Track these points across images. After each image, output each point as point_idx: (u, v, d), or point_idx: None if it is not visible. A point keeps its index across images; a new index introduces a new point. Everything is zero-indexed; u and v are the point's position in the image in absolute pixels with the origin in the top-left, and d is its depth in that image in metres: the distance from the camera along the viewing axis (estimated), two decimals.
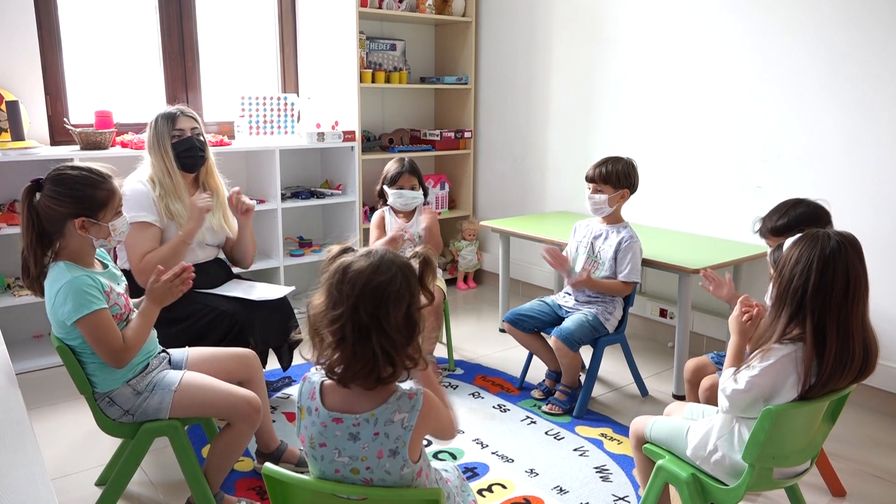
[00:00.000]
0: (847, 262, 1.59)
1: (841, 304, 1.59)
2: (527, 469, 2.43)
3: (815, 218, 2.16)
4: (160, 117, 2.63)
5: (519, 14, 4.31)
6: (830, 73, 2.96)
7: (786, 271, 1.64)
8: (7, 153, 3.06)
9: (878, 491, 2.35)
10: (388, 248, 1.38)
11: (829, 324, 1.59)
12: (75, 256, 1.90)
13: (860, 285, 1.61)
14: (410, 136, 4.58)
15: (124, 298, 1.98)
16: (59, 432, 2.64)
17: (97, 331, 1.85)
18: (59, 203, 1.84)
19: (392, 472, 1.33)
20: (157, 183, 2.58)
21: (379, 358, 1.30)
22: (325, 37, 4.15)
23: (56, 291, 1.85)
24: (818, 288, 1.58)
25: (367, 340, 1.29)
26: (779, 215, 2.23)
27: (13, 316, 3.26)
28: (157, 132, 2.60)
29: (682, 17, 3.47)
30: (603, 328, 2.84)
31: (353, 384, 1.33)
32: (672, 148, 3.61)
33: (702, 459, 1.77)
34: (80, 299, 1.82)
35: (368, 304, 1.29)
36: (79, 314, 1.82)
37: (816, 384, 1.61)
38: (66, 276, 1.84)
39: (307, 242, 4.21)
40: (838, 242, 1.59)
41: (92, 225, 1.88)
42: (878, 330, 1.69)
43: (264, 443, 2.32)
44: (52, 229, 1.87)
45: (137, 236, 2.51)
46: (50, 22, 3.46)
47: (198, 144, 2.65)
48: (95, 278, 1.88)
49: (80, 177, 1.87)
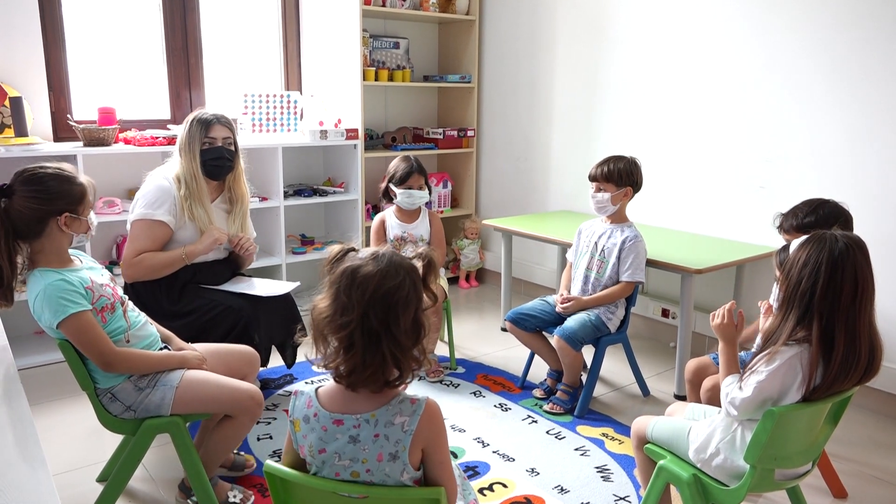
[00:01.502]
0: (855, 265, 1.58)
1: (849, 307, 1.58)
2: (528, 468, 2.43)
3: (844, 219, 2.15)
4: (196, 120, 2.62)
5: (522, 13, 4.30)
6: (834, 72, 2.95)
7: (793, 273, 1.62)
8: (10, 149, 3.06)
9: (879, 492, 2.34)
10: (394, 251, 1.36)
11: (837, 326, 1.58)
12: (51, 258, 1.89)
13: (868, 287, 1.60)
14: (413, 134, 4.58)
15: (110, 288, 1.98)
16: (60, 428, 2.64)
17: (79, 334, 1.85)
18: (40, 202, 1.83)
19: (392, 475, 1.32)
20: (184, 183, 2.59)
21: (388, 362, 1.29)
22: (328, 34, 4.15)
23: (34, 301, 1.86)
24: (827, 290, 1.57)
25: (377, 346, 1.28)
26: (805, 213, 2.20)
27: (15, 312, 3.22)
28: (190, 135, 2.60)
29: (686, 17, 3.46)
30: (605, 328, 2.84)
31: (361, 388, 1.32)
32: (675, 147, 3.60)
33: (703, 462, 1.77)
34: (55, 305, 1.82)
35: (378, 310, 1.27)
36: (57, 319, 1.82)
37: (821, 386, 1.60)
38: (40, 284, 1.84)
39: (309, 240, 4.21)
40: (846, 244, 1.58)
41: (73, 220, 1.88)
42: (882, 331, 1.68)
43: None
44: (28, 231, 1.85)
45: (143, 232, 2.52)
46: (53, 18, 3.46)
47: (226, 154, 2.65)
48: (72, 278, 1.87)
49: (53, 174, 1.87)
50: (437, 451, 1.35)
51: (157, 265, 2.54)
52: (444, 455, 1.37)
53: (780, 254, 1.94)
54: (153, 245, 2.55)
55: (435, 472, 1.36)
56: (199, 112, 2.67)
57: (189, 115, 2.67)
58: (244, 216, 2.80)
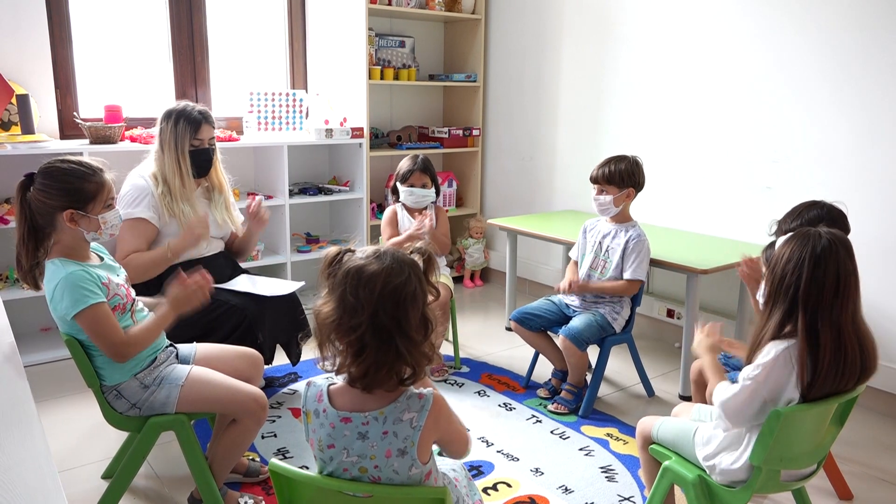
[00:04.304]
0: (838, 260, 1.59)
1: (832, 302, 1.59)
2: (532, 468, 2.42)
3: (831, 220, 2.14)
4: (183, 120, 2.58)
5: (528, 11, 4.29)
6: (841, 73, 2.94)
7: (777, 269, 1.64)
8: (17, 146, 3.07)
9: (885, 494, 2.34)
10: (395, 248, 1.36)
11: (820, 321, 1.59)
12: (69, 251, 1.90)
13: (850, 283, 1.61)
14: (419, 133, 4.58)
15: (124, 288, 1.99)
16: (66, 425, 2.65)
17: (96, 325, 1.85)
18: (49, 196, 1.85)
19: (400, 471, 1.32)
20: (162, 181, 2.57)
21: (402, 360, 1.29)
22: (334, 33, 4.15)
23: (53, 288, 1.86)
24: (810, 284, 1.59)
25: (389, 344, 1.28)
26: (793, 217, 2.21)
27: (22, 309, 3.27)
28: (177, 134, 2.56)
29: (692, 17, 3.45)
30: (610, 328, 2.84)
31: (377, 389, 1.32)
32: (681, 147, 3.59)
33: (709, 468, 1.76)
34: (76, 294, 1.83)
35: (389, 308, 1.27)
36: (76, 309, 1.83)
37: (815, 381, 1.60)
38: (62, 272, 1.85)
39: (314, 239, 4.21)
40: (829, 241, 1.60)
41: (81, 217, 1.88)
42: (887, 332, 1.67)
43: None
44: (43, 222, 1.88)
45: (127, 233, 2.50)
46: (61, 16, 3.47)
47: (211, 153, 2.67)
48: (92, 272, 1.89)
49: (69, 169, 1.88)
50: (449, 432, 1.40)
51: (143, 265, 2.51)
52: (454, 431, 1.41)
53: (766, 251, 1.94)
54: (142, 243, 2.53)
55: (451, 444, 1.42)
56: (182, 107, 2.61)
57: (169, 109, 2.60)
58: (227, 203, 2.77)
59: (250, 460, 2.35)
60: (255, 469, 2.32)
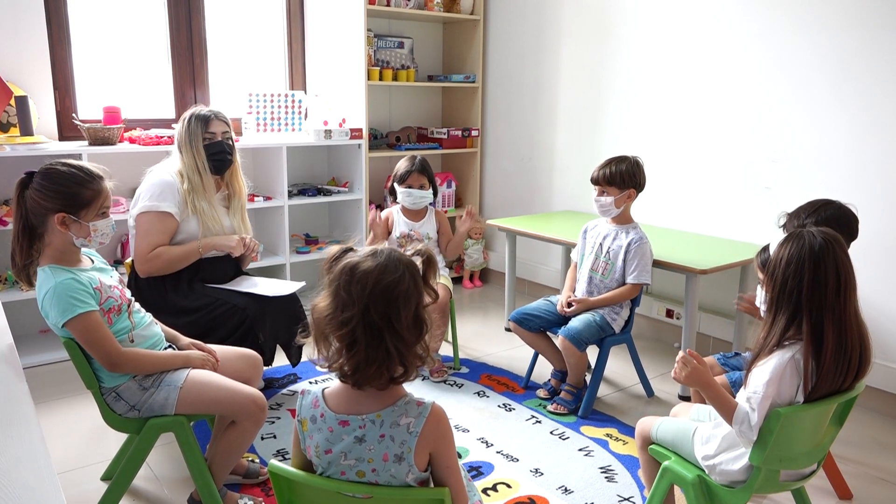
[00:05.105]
0: (836, 258, 1.59)
1: (835, 301, 1.59)
2: (532, 468, 2.42)
3: (846, 220, 2.14)
4: (194, 117, 2.66)
5: (527, 12, 4.30)
6: (841, 73, 2.94)
7: (778, 274, 1.63)
8: (16, 148, 3.07)
9: (884, 494, 2.34)
10: (393, 248, 1.36)
11: (825, 321, 1.59)
12: (60, 255, 1.90)
13: (850, 279, 1.62)
14: (417, 134, 4.58)
15: (118, 290, 1.99)
16: (65, 427, 2.65)
17: (87, 334, 1.86)
18: (44, 197, 1.86)
19: (397, 476, 1.32)
20: (186, 178, 2.62)
21: (392, 358, 1.29)
22: (332, 34, 4.15)
23: (42, 297, 1.87)
24: (813, 286, 1.58)
25: (380, 341, 1.28)
26: (808, 213, 2.19)
27: (20, 310, 3.27)
28: (190, 131, 2.64)
29: (691, 17, 3.45)
30: (609, 328, 2.84)
31: (367, 386, 1.32)
32: (680, 148, 3.59)
33: (709, 468, 1.76)
34: (64, 304, 1.83)
35: (379, 305, 1.27)
36: (64, 318, 1.83)
37: (817, 383, 1.60)
38: (51, 282, 1.85)
39: (313, 239, 4.21)
40: (824, 240, 1.60)
41: (73, 222, 1.88)
42: (887, 331, 1.68)
43: None
44: (36, 223, 1.89)
45: (154, 225, 2.55)
46: (59, 17, 3.47)
47: (227, 149, 2.71)
48: (82, 278, 1.88)
49: (68, 173, 1.88)
50: (444, 456, 1.35)
51: (174, 258, 2.58)
52: (451, 460, 1.36)
53: (760, 255, 1.93)
54: (165, 237, 2.58)
55: (443, 476, 1.36)
56: (195, 109, 2.70)
57: (185, 113, 2.70)
58: (242, 210, 2.83)
59: (250, 461, 2.35)
60: (255, 470, 2.32)
